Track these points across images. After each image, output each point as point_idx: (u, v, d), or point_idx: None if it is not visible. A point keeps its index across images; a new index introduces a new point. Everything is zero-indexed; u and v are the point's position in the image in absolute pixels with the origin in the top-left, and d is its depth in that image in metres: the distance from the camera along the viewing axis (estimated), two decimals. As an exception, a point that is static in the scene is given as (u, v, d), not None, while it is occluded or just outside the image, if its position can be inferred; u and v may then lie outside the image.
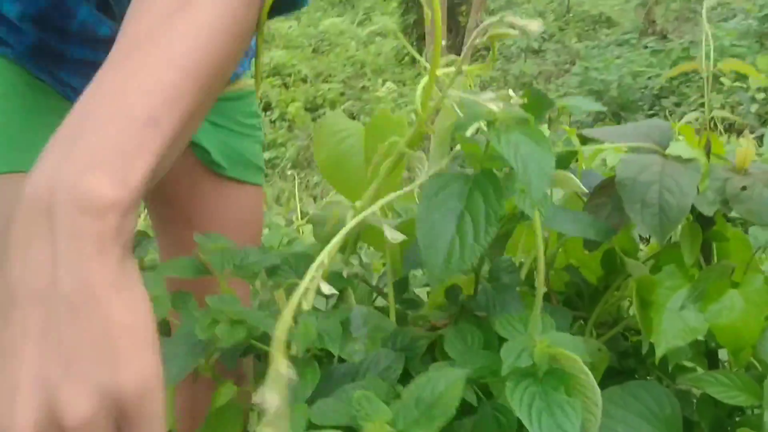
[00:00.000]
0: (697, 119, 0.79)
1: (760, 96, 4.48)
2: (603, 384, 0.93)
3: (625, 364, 0.95)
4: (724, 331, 0.79)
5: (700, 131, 0.80)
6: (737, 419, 0.88)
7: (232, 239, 0.90)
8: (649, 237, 0.86)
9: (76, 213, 0.42)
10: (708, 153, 0.80)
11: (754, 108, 4.12)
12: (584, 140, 0.85)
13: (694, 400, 0.95)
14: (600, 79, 6.09)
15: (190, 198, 1.11)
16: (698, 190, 0.75)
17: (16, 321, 0.42)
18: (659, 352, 0.78)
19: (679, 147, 0.76)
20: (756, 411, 0.85)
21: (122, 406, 0.42)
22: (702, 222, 0.82)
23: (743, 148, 0.79)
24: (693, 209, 0.82)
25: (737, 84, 4.48)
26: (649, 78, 5.89)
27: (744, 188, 0.74)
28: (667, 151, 0.77)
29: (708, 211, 0.74)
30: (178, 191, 1.11)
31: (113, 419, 0.43)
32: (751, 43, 6.06)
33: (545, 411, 0.59)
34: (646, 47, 6.67)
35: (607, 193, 0.83)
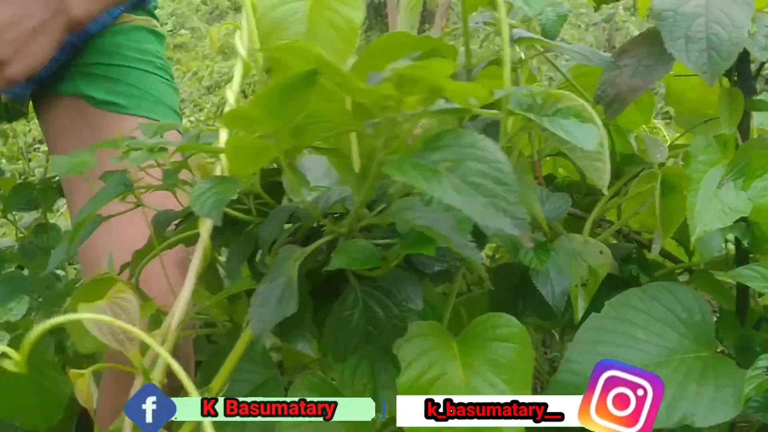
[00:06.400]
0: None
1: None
2: (603, 294, 0.79)
3: (626, 270, 0.82)
4: (771, 212, 0.66)
5: None
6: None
7: None
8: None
9: None
10: None
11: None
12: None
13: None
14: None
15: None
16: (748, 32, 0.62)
17: None
18: (694, 237, 0.65)
19: (724, -17, 0.63)
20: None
21: None
22: (743, 89, 0.69)
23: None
24: (732, 72, 0.69)
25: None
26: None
27: (802, 32, 0.61)
28: (710, -14, 0.65)
29: (761, 55, 0.61)
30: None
31: None
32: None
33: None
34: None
35: (629, 54, 0.70)
